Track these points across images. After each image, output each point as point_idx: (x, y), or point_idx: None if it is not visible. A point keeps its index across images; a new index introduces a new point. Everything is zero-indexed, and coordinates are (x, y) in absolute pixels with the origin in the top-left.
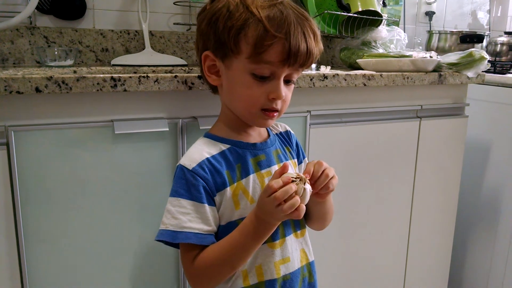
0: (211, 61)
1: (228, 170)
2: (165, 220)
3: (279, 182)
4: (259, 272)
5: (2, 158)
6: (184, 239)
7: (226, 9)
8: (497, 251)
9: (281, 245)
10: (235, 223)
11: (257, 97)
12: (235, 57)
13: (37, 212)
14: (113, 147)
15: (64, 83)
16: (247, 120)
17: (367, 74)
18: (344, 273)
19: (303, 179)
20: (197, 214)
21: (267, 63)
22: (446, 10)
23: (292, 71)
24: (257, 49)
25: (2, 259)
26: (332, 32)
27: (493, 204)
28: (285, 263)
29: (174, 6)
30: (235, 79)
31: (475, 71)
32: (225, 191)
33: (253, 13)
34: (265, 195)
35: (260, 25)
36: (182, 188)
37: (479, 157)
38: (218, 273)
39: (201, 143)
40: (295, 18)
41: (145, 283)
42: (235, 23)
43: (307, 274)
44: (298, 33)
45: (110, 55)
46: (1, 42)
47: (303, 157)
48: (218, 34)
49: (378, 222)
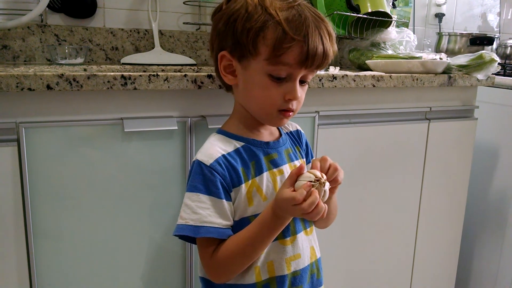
0: (227, 61)
1: (243, 167)
2: (185, 215)
3: (303, 193)
4: (270, 268)
5: (12, 155)
6: (206, 233)
7: (244, 10)
8: (505, 255)
9: (292, 242)
10: (247, 219)
11: (274, 98)
12: (253, 58)
13: (46, 208)
14: (123, 145)
15: (75, 81)
16: (262, 120)
17: (376, 75)
18: (351, 274)
19: (322, 182)
20: (215, 209)
21: (285, 65)
22: (456, 12)
23: (308, 72)
24: (276, 51)
25: (11, 255)
26: (341, 33)
27: (501, 208)
28: (296, 260)
29: (184, 6)
30: (252, 80)
31: (485, 74)
32: (240, 188)
33: (272, 15)
34: (289, 204)
35: (279, 28)
36: (200, 184)
37: (487, 160)
38: (237, 264)
39: (215, 140)
40: (313, 20)
41: (153, 281)
42: (254, 25)
43: (315, 270)
44: (316, 36)
45: (120, 54)
46: (13, 40)
47: (312, 157)
48: (237, 35)
49: (385, 223)
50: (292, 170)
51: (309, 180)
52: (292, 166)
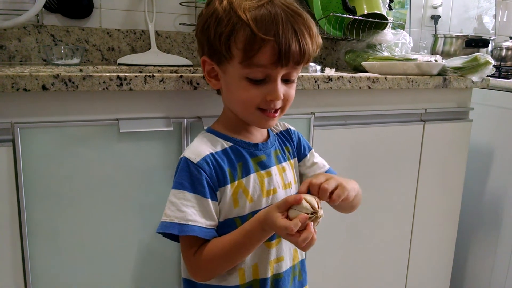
0: (209, 65)
1: (230, 168)
2: (169, 212)
3: (297, 225)
4: (254, 271)
5: (7, 155)
6: (191, 232)
7: (216, 15)
8: (499, 255)
9: (277, 244)
10: (232, 220)
11: (253, 98)
12: (228, 62)
13: (41, 208)
14: (118, 146)
15: (71, 81)
16: (248, 121)
17: (371, 77)
18: (345, 274)
19: (318, 216)
20: (200, 207)
21: (260, 66)
22: (451, 14)
23: (289, 70)
24: (247, 54)
25: (6, 255)
26: (337, 35)
27: (495, 209)
28: (279, 262)
29: (180, 7)
30: (232, 83)
31: (480, 76)
32: (226, 188)
33: (240, 17)
34: (282, 232)
35: (247, 29)
36: (186, 181)
37: (482, 161)
38: (220, 267)
39: (204, 138)
40: (285, 16)
41: (148, 281)
42: (224, 29)
43: (297, 272)
44: (288, 32)
45: (116, 54)
46: (8, 40)
47: (309, 150)
48: (211, 41)
49: (380, 224)
50: (289, 197)
51: (305, 212)
52: (280, 168)
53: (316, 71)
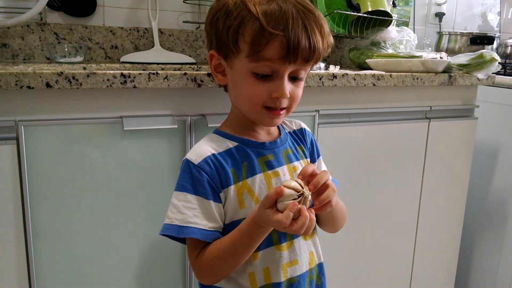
0: (217, 60)
1: (234, 168)
2: (171, 214)
3: (289, 216)
4: (266, 275)
5: (11, 153)
6: (189, 234)
7: (226, 8)
8: (505, 254)
9: (288, 247)
10: (239, 222)
11: (259, 95)
12: (235, 56)
13: (45, 207)
14: (122, 144)
15: (75, 79)
16: (254, 119)
17: (376, 74)
18: (350, 273)
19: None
20: (202, 209)
21: (267, 61)
22: (456, 12)
23: (298, 67)
24: (255, 47)
25: (11, 254)
26: (341, 32)
27: (501, 207)
28: (293, 266)
29: (183, 4)
30: (238, 79)
31: (485, 73)
32: (229, 189)
33: (250, 10)
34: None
35: (256, 22)
36: (188, 183)
37: (488, 159)
38: (220, 269)
39: (208, 139)
40: (296, 12)
41: (152, 279)
42: (233, 22)
43: (314, 276)
44: (298, 28)
45: (120, 52)
46: (12, 38)
47: (318, 156)
48: (219, 34)
49: (385, 223)
50: (270, 193)
51: (292, 198)
52: (291, 168)
53: (321, 68)
